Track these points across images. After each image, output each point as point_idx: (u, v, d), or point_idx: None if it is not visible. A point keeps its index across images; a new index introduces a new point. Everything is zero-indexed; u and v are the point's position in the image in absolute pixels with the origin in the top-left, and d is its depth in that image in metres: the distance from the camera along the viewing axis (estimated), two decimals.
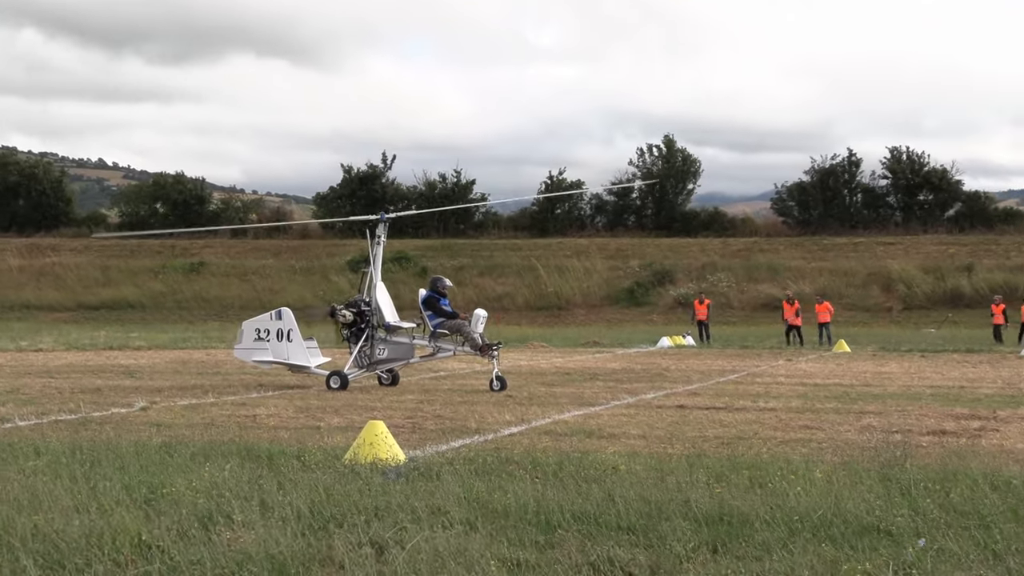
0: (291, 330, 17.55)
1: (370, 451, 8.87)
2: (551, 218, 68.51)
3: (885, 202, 66.12)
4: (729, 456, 9.35)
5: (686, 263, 60.34)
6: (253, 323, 17.80)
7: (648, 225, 68.63)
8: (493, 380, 16.72)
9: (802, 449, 10.13)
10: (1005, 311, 34.48)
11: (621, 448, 10.07)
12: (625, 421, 12.61)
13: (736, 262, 59.96)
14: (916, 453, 9.60)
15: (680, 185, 68.96)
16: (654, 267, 59.48)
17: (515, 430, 11.69)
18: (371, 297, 17.61)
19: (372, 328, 17.48)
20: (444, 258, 63.52)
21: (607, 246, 64.43)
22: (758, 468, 8.39)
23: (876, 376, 20.08)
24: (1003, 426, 11.95)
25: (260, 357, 17.44)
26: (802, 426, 12.05)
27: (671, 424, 12.33)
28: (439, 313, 17.33)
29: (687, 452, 9.82)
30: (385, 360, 17.43)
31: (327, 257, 65.01)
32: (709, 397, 15.73)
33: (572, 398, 15.64)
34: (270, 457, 9.00)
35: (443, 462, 8.82)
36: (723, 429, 11.83)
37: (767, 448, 10.22)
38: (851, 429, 11.75)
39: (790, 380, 19.12)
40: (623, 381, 18.84)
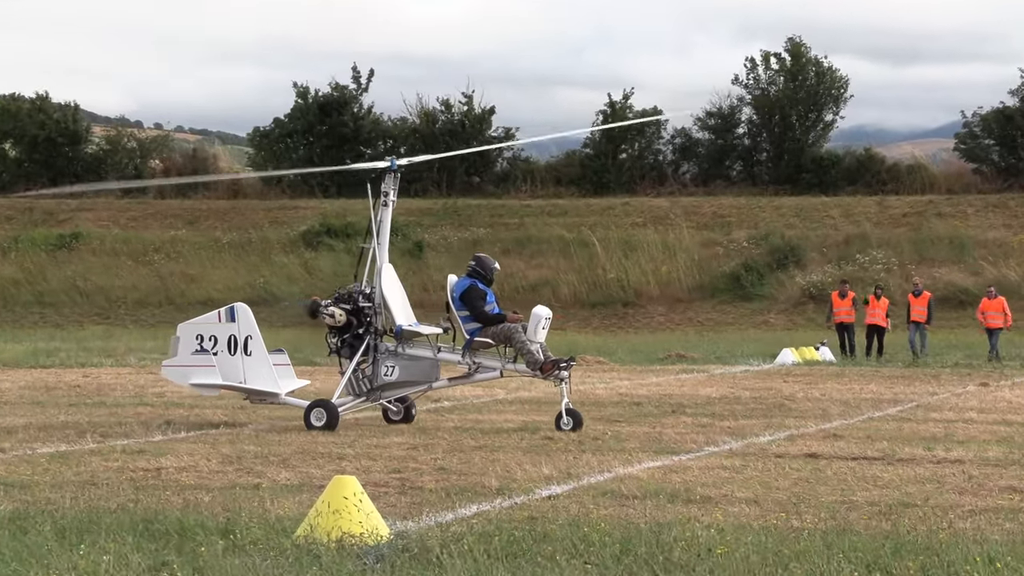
0: (250, 337, 17.68)
1: (335, 523, 8.90)
2: (612, 167, 68.47)
3: None
4: (889, 534, 9.29)
5: (822, 235, 60.15)
6: (192, 327, 17.93)
7: (764, 178, 68.47)
8: (562, 415, 16.76)
9: (1006, 524, 10.06)
10: None
11: (721, 519, 10.07)
12: (727, 477, 12.62)
13: (901, 233, 59.71)
14: None
15: (814, 115, 68.69)
16: (772, 241, 59.35)
17: (558, 490, 11.73)
18: (374, 287, 17.70)
19: (375, 335, 17.57)
20: (448, 228, 63.69)
21: (699, 209, 64.34)
22: (934, 554, 8.33)
23: None
24: None
25: (202, 379, 17.58)
26: (1006, 488, 11.97)
27: (798, 482, 12.31)
28: (480, 316, 17.34)
29: (823, 526, 9.79)
30: (395, 384, 17.52)
31: (269, 226, 65.39)
32: (857, 442, 15.67)
33: (645, 441, 15.66)
34: (181, 533, 9.01)
35: (447, 539, 8.83)
36: (879, 491, 11.78)
37: (949, 522, 10.15)
38: None
39: (986, 416, 18.99)
40: (723, 416, 18.83)
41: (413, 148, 71.09)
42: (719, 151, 69.35)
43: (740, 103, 69.36)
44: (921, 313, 34.60)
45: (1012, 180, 64.34)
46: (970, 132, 66.92)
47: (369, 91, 72.05)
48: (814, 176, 66.44)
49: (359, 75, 72.07)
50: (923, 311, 34.56)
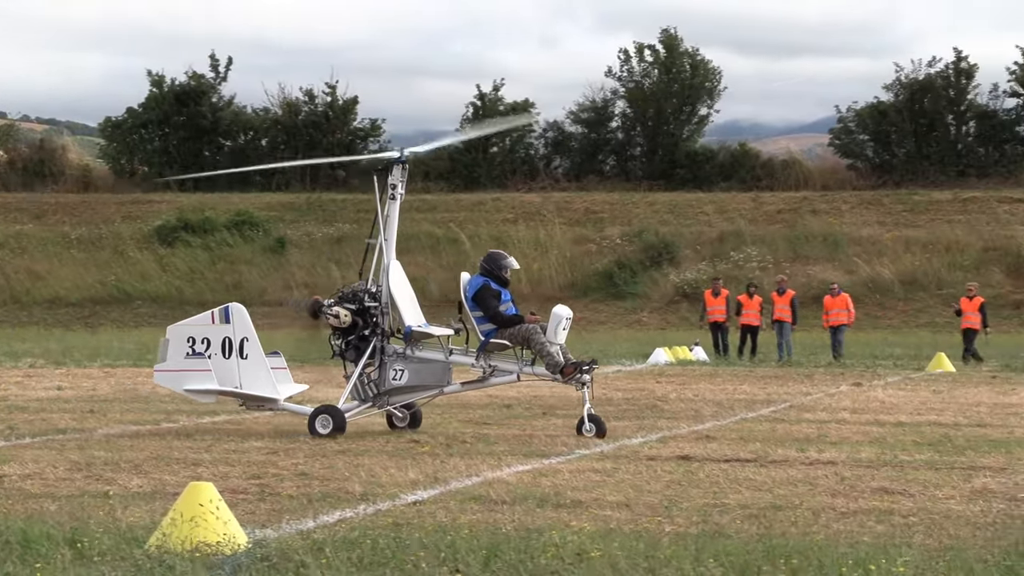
0: (246, 339, 17.28)
1: (190, 531, 8.81)
2: (483, 161, 68.59)
3: (1014, 134, 67.24)
4: (761, 537, 9.43)
5: (696, 232, 60.87)
6: (182, 329, 17.56)
7: (637, 173, 69.10)
8: (584, 420, 16.59)
9: (877, 527, 10.26)
10: None
11: (591, 523, 10.13)
12: (598, 481, 12.68)
13: (775, 230, 60.64)
14: None
15: (688, 109, 69.48)
16: (645, 238, 59.91)
17: (424, 495, 11.73)
18: (381, 286, 17.47)
19: (383, 336, 17.31)
20: (312, 223, 63.30)
21: (571, 205, 64.72)
22: (806, 557, 8.47)
23: (997, 410, 20.42)
24: None
25: (197, 384, 17.14)
26: (878, 489, 12.21)
27: (669, 485, 12.42)
28: (492, 317, 17.07)
29: (694, 530, 9.90)
30: (404, 388, 17.23)
31: (122, 221, 64.43)
32: (730, 443, 15.88)
33: (515, 444, 15.71)
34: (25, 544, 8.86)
35: (309, 547, 8.79)
36: (751, 494, 11.95)
37: (821, 525, 10.33)
38: (955, 495, 11.93)
39: (859, 417, 19.37)
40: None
41: (275, 140, 70.62)
42: (592, 145, 69.80)
43: (614, 96, 69.98)
44: (784, 312, 35.02)
45: (886, 177, 65.66)
46: (845, 127, 68.18)
47: (228, 80, 71.42)
48: (688, 171, 67.20)
49: (217, 64, 71.34)
50: (786, 310, 34.99)
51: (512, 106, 69.82)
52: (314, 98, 70.22)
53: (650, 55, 69.55)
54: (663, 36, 69.61)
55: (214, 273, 59.88)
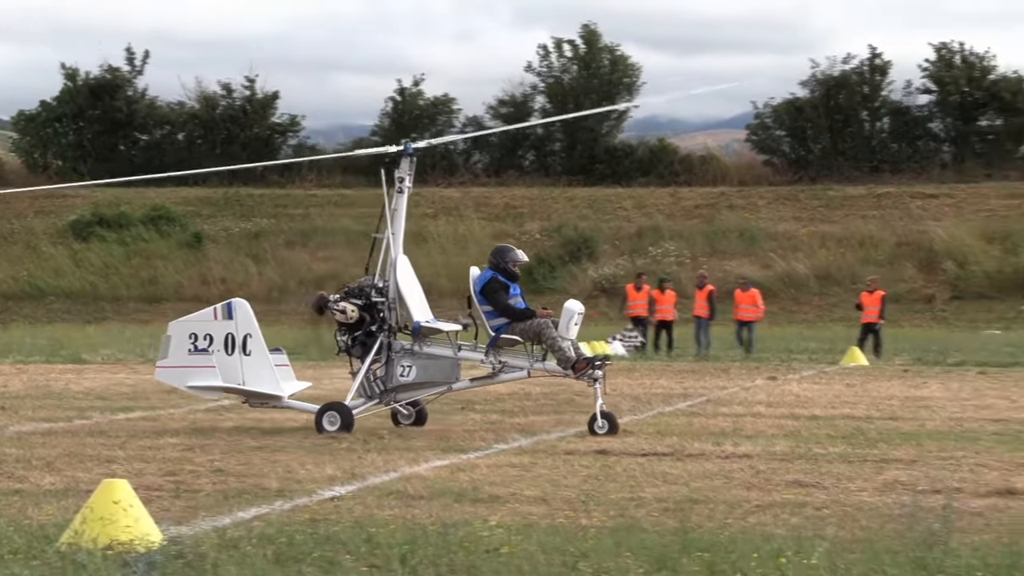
0: (249, 336, 17.01)
1: (103, 529, 8.73)
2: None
3: (927, 131, 68.08)
4: (677, 530, 9.49)
5: (615, 227, 61.08)
6: (184, 325, 17.25)
7: (557, 168, 69.22)
8: (596, 417, 16.39)
9: (791, 519, 10.36)
10: None
11: (509, 518, 10.15)
12: (515, 476, 12.71)
13: (693, 225, 61.01)
14: (968, 526, 9.89)
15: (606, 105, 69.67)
16: (565, 233, 60.04)
17: (341, 491, 11.69)
18: (388, 280, 17.26)
19: (389, 332, 17.08)
20: (230, 218, 62.88)
21: (491, 200, 64.72)
22: (721, 550, 8.53)
23: (908, 404, 20.69)
24: None
25: (201, 381, 16.87)
26: (791, 483, 12.34)
27: (587, 480, 12.47)
28: (502, 310, 16.83)
29: (611, 524, 9.95)
30: (412, 385, 17.02)
31: (35, 216, 63.59)
32: (647, 438, 15.96)
33: (433, 440, 15.69)
34: None
35: (224, 544, 8.74)
36: (668, 487, 12.02)
37: (736, 517, 10.42)
38: (867, 487, 12.08)
39: (774, 410, 19.54)
40: (513, 413, 18.98)
41: (192, 134, 70.04)
42: (511, 140, 69.81)
43: (533, 91, 70.07)
44: (702, 307, 35.25)
45: (802, 172, 66.27)
46: (761, 124, 68.72)
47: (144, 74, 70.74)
48: (607, 167, 67.42)
49: (133, 56, 70.62)
50: (704, 305, 35.23)
51: (433, 101, 69.76)
52: (232, 92, 69.72)
53: (569, 50, 69.72)
54: (583, 31, 69.81)
55: (129, 268, 59.33)
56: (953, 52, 66.76)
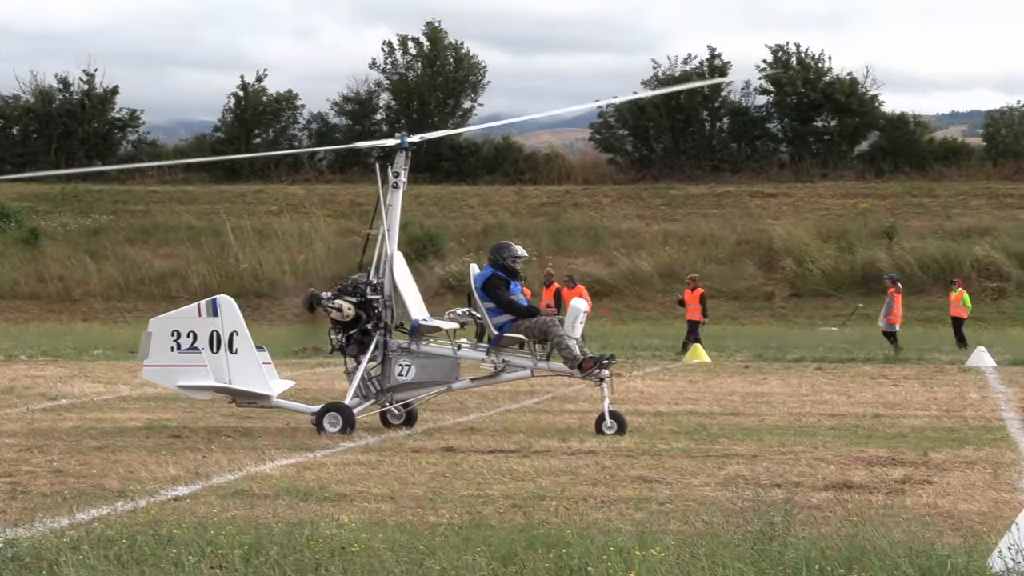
0: (235, 333, 16.48)
1: None
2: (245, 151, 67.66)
3: (765, 131, 69.33)
4: (523, 527, 9.54)
5: (460, 224, 61.18)
6: (166, 323, 16.67)
7: None
8: (604, 417, 16.14)
9: (635, 514, 10.49)
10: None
11: (356, 516, 10.12)
12: (362, 474, 12.71)
13: (539, 223, 61.35)
14: (807, 519, 10.10)
15: (452, 102, 69.76)
16: (410, 231, 59.91)
17: (184, 491, 11.60)
18: (384, 277, 16.87)
19: (385, 331, 16.70)
20: (68, 214, 61.63)
21: (336, 197, 64.37)
22: (567, 544, 8.60)
23: (749, 399, 21.05)
24: (938, 475, 12.81)
25: (192, 380, 16.33)
26: (636, 478, 12.49)
27: (434, 477, 12.52)
28: (505, 306, 16.53)
29: (458, 521, 9.99)
30: (410, 385, 16.66)
31: None
32: (494, 435, 16.04)
33: (279, 438, 15.60)
34: None
35: (63, 546, 8.58)
36: (514, 484, 12.10)
37: (581, 513, 10.51)
38: (709, 482, 12.29)
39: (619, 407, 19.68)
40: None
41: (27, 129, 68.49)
42: (356, 137, 69.40)
43: (378, 88, 69.83)
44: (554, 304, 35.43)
45: (645, 171, 67.05)
46: (605, 122, 69.32)
47: None
48: (453, 164, 67.46)
49: None
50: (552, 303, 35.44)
51: (276, 97, 69.16)
52: (69, 86, 68.35)
53: (414, 47, 69.63)
54: (427, 29, 69.76)
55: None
56: (789, 54, 68.09)
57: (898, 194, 62.43)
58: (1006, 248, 54.55)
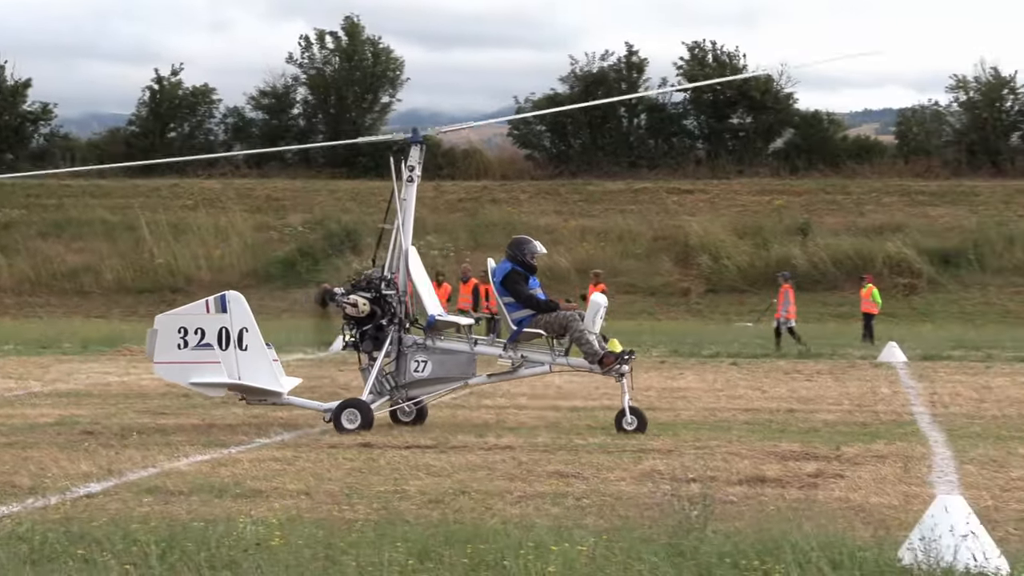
0: (245, 330, 16.23)
1: None
2: (160, 146, 67.11)
3: (682, 128, 69.70)
4: (440, 522, 9.54)
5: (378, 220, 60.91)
6: (174, 319, 16.42)
7: (319, 160, 68.74)
8: (625, 413, 15.96)
9: (552, 509, 10.52)
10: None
11: (272, 512, 10.09)
12: (278, 470, 12.67)
13: (457, 219, 61.30)
14: (722, 513, 10.19)
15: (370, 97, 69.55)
16: (328, 226, 59.69)
17: (97, 488, 11.50)
18: (398, 272, 16.62)
19: (401, 326, 16.45)
20: None
21: (253, 192, 63.96)
22: (484, 540, 8.61)
23: (666, 394, 21.16)
24: (850, 470, 12.97)
25: (205, 377, 16.09)
26: (552, 473, 12.52)
27: (351, 473, 12.50)
28: (526, 301, 16.30)
29: (375, 517, 9.98)
30: (427, 381, 16.39)
31: None
32: (410, 430, 16.08)
33: (193, 435, 15.51)
34: None
35: None
36: (431, 480, 12.11)
37: (498, 508, 10.52)
38: (626, 477, 12.35)
39: (536, 402, 19.79)
40: (275, 406, 18.76)
41: None
42: (273, 132, 69.13)
43: (295, 83, 69.47)
44: (467, 301, 35.48)
45: (563, 167, 67.20)
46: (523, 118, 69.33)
47: None
48: (371, 160, 67.15)
49: None
50: (468, 298, 35.49)
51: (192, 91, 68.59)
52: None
53: (331, 42, 69.34)
54: (345, 24, 69.49)
55: None
56: (705, 51, 68.54)
57: (812, 191, 63.03)
58: (917, 245, 55.23)
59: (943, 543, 8.05)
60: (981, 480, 12.28)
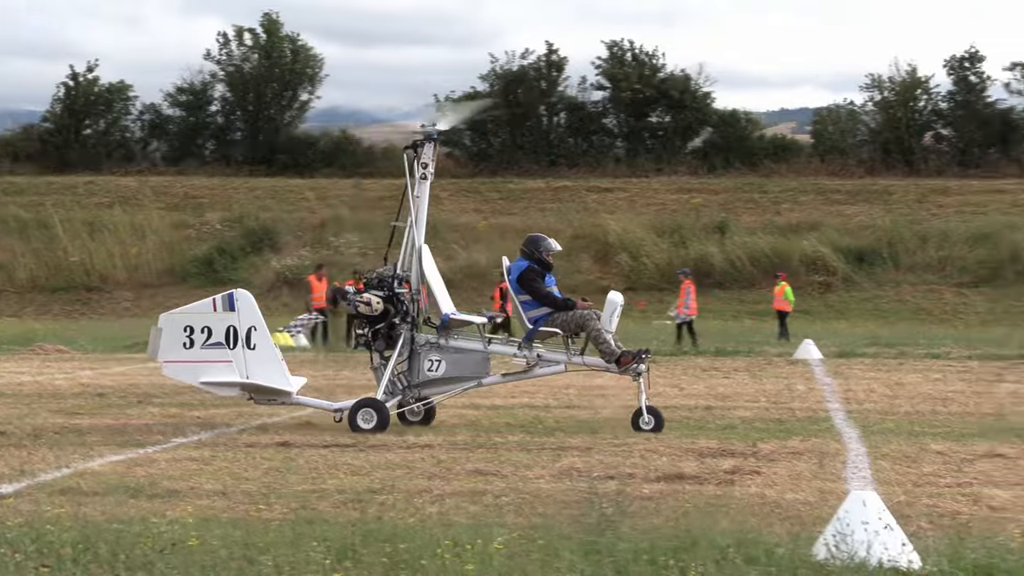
0: (253, 328, 16.06)
1: None
2: (75, 143, 66.37)
3: (601, 126, 69.94)
4: (358, 521, 9.51)
5: (297, 218, 60.69)
6: (180, 318, 16.17)
7: (238, 158, 68.28)
8: (642, 412, 15.77)
9: (471, 507, 10.53)
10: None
11: (189, 512, 10.02)
12: (195, 469, 12.58)
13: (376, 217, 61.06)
14: (640, 510, 10.24)
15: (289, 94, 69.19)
16: (246, 224, 59.32)
17: (9, 489, 11.38)
18: (412, 271, 16.36)
19: (413, 325, 16.18)
20: None
21: (170, 189, 63.41)
22: (403, 539, 8.59)
23: (585, 393, 21.24)
24: (766, 466, 13.09)
25: (216, 376, 15.87)
26: (472, 471, 12.53)
27: (268, 472, 12.44)
28: (543, 299, 16.01)
29: (293, 516, 9.93)
30: (440, 380, 16.16)
31: None
32: (329, 429, 15.96)
33: (108, 435, 15.35)
34: None
35: None
36: (350, 479, 12.08)
37: (417, 507, 10.51)
38: (545, 475, 12.38)
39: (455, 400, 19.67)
40: (193, 406, 18.73)
41: None
42: (191, 129, 68.61)
43: (213, 79, 68.98)
44: None
45: (483, 165, 67.24)
46: None
47: None
48: (290, 157, 66.92)
49: None
50: None
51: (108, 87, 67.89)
52: None
53: (250, 39, 68.91)
54: (263, 20, 69.10)
55: None
56: (624, 50, 68.85)
57: (730, 189, 63.49)
58: (833, 243, 55.79)
59: (857, 538, 8.14)
60: (894, 476, 12.43)
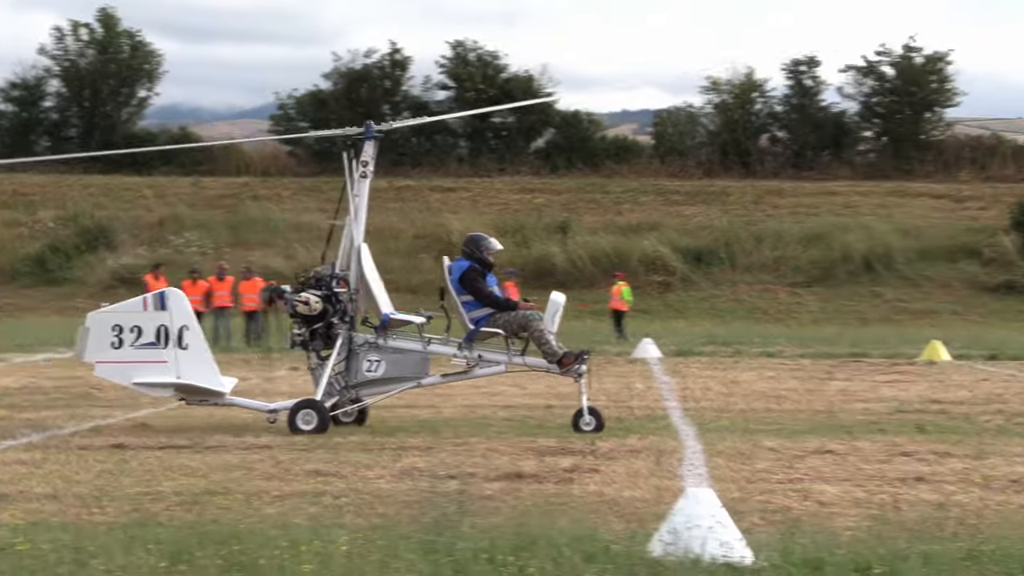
0: (185, 328, 15.61)
1: None
2: None
3: (444, 126, 70.03)
4: (194, 523, 9.41)
5: (134, 216, 59.82)
6: (108, 317, 15.73)
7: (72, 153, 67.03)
8: (583, 414, 15.59)
9: (310, 508, 10.47)
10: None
11: (18, 516, 9.85)
12: (25, 473, 12.32)
13: (216, 215, 60.49)
14: (480, 509, 10.27)
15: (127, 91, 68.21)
16: (81, 222, 58.30)
17: None
18: (351, 269, 16.06)
19: (351, 325, 15.86)
20: None
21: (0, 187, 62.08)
22: (239, 540, 8.51)
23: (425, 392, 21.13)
24: (605, 464, 13.20)
25: (150, 376, 15.49)
26: (311, 472, 12.47)
27: (101, 475, 12.24)
28: (486, 299, 15.78)
29: (126, 519, 9.79)
30: (379, 381, 15.92)
31: None
32: (166, 431, 15.76)
33: None
34: None
35: None
36: (186, 480, 11.93)
37: (255, 509, 10.42)
38: (385, 475, 12.36)
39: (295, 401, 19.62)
40: (23, 408, 18.35)
41: None
42: (23, 125, 67.28)
43: (47, 75, 67.70)
44: (224, 298, 35.17)
45: (326, 164, 66.81)
46: (285, 114, 68.94)
47: None
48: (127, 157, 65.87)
49: None
50: (226, 296, 35.20)
51: None
52: None
53: (86, 34, 67.75)
54: (100, 15, 68.00)
55: None
56: (468, 50, 69.08)
57: (572, 190, 64.10)
58: (672, 243, 56.63)
59: (692, 534, 8.25)
60: (728, 473, 12.64)
